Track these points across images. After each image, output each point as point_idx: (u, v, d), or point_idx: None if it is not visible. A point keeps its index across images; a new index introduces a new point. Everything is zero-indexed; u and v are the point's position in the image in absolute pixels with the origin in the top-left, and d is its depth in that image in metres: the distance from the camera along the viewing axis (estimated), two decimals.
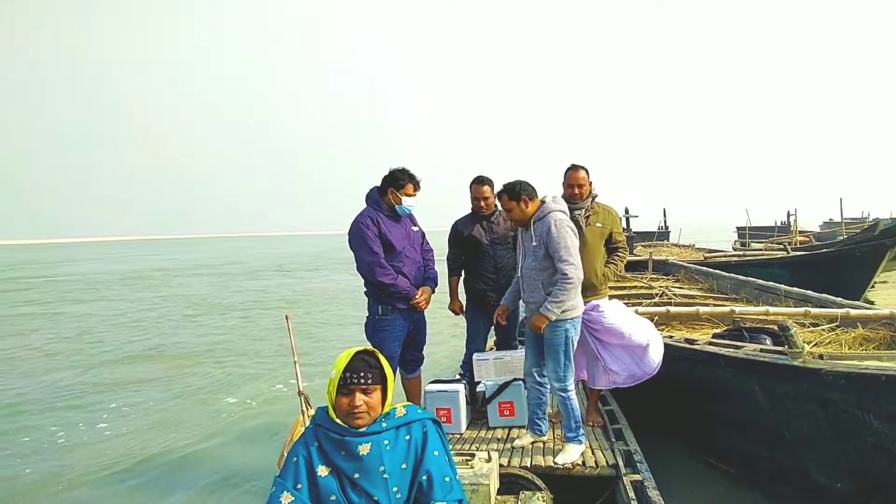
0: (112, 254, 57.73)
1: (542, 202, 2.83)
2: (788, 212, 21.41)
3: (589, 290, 3.02)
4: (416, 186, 3.19)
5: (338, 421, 1.52)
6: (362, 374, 1.49)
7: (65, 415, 5.67)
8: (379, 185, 3.21)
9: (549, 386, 2.97)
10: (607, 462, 2.76)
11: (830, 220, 26.48)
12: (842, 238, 13.55)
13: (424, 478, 1.51)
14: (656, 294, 6.16)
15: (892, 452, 2.28)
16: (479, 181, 3.46)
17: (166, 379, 7.05)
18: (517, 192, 2.78)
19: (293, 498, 1.44)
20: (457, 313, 3.60)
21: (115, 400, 6.13)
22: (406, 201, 3.15)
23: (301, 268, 28.61)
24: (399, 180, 3.14)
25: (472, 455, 2.37)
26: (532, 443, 3.04)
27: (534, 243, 2.77)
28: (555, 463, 2.76)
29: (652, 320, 4.45)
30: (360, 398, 1.49)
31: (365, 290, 3.23)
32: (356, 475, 1.48)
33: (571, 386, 2.87)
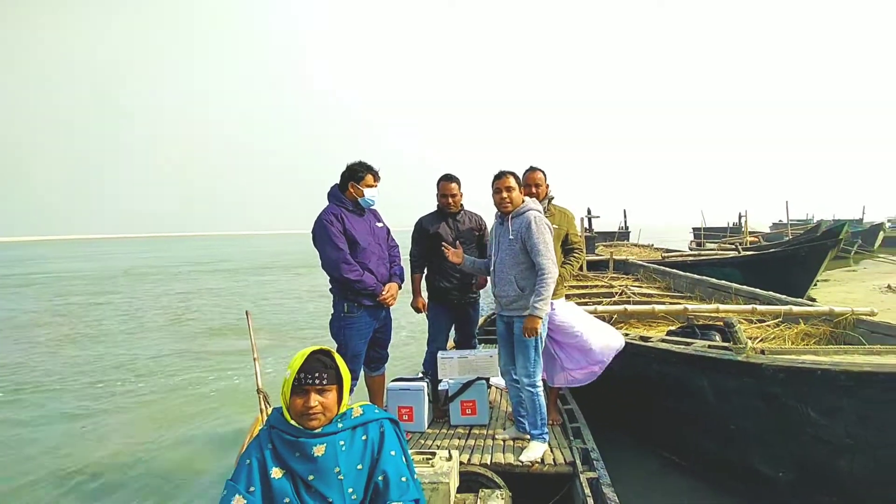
0: (81, 253, 54.48)
1: (523, 200, 2.95)
2: (740, 213, 22.39)
3: None
4: (376, 177, 3.18)
5: (292, 422, 1.50)
6: (317, 375, 1.47)
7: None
8: (339, 181, 3.18)
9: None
10: (565, 460, 2.81)
11: (780, 221, 27.83)
12: (788, 239, 14.26)
13: (381, 478, 1.50)
14: (616, 293, 6.32)
15: (830, 443, 2.40)
16: (448, 178, 3.48)
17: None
18: (520, 181, 2.96)
19: (245, 501, 1.41)
20: (419, 311, 3.60)
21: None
22: (368, 192, 3.13)
23: (295, 265, 27.93)
24: (358, 172, 3.12)
25: (433, 454, 2.38)
26: (514, 439, 3.07)
27: (510, 237, 2.85)
28: (519, 461, 2.80)
29: (611, 318, 4.57)
30: (314, 399, 1.47)
31: (330, 287, 3.19)
32: (310, 477, 1.46)
33: (540, 382, 2.93)
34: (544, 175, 3.31)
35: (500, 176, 2.90)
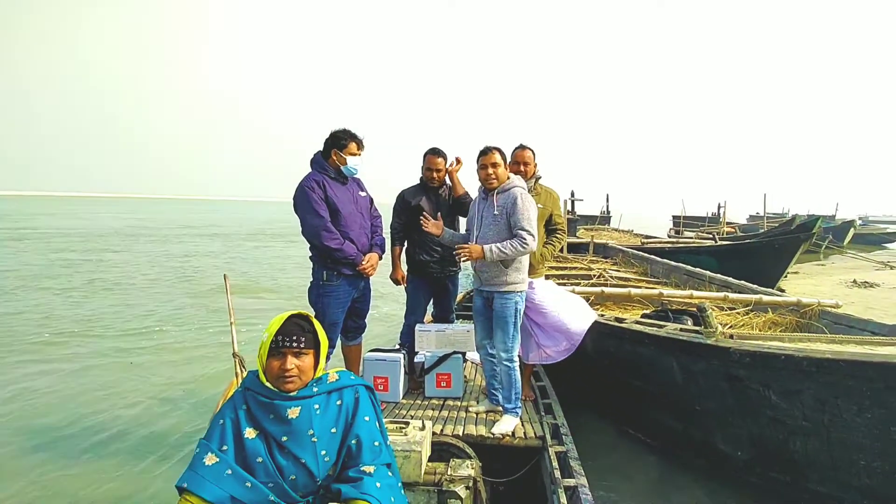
0: (61, 210, 53.03)
1: (508, 177, 2.95)
2: (719, 204, 22.81)
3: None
4: (360, 145, 3.12)
5: (268, 384, 1.50)
6: (294, 338, 1.47)
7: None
8: (322, 148, 3.13)
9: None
10: (535, 434, 2.88)
11: (757, 213, 28.41)
12: (763, 230, 14.57)
13: (353, 442, 1.52)
14: (595, 275, 6.42)
15: (787, 425, 2.52)
16: (434, 152, 3.45)
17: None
18: (506, 157, 2.96)
19: (217, 459, 1.41)
20: (398, 282, 3.60)
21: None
22: (351, 161, 3.08)
23: (290, 233, 27.42)
24: (341, 140, 3.07)
25: (407, 423, 2.42)
26: (487, 412, 3.12)
27: (495, 212, 2.85)
28: (490, 433, 2.85)
29: (588, 300, 4.65)
30: (291, 361, 1.47)
31: (310, 254, 3.17)
32: (284, 438, 1.47)
33: (517, 358, 2.97)
34: (533, 154, 3.30)
35: (486, 152, 2.88)
